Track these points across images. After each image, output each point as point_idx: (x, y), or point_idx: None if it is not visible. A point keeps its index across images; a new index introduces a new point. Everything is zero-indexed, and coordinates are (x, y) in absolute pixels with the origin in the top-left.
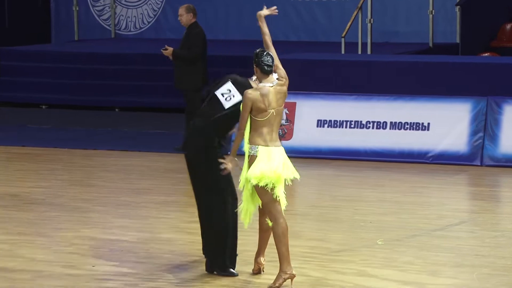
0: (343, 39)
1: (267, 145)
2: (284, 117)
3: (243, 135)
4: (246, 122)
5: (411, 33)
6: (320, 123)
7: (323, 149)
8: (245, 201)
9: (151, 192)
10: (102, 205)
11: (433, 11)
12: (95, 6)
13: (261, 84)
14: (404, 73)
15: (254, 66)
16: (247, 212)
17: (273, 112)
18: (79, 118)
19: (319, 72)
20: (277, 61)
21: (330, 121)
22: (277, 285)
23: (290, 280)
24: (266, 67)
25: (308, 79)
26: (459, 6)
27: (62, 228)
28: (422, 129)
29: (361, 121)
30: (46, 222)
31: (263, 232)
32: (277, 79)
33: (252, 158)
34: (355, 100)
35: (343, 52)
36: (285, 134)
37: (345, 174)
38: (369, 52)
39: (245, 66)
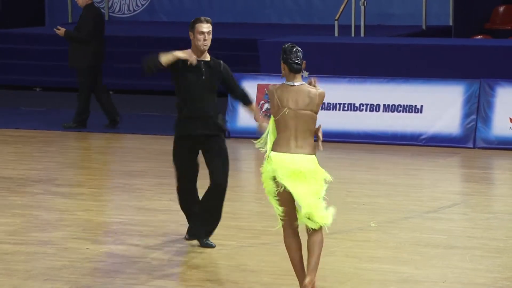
0: (336, 22)
1: (283, 151)
2: None
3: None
4: (274, 110)
5: (405, 15)
6: None
7: None
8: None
9: (146, 175)
10: (96, 187)
11: None
12: None
13: (285, 82)
14: (397, 56)
15: (282, 63)
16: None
17: (286, 111)
18: (73, 101)
19: (313, 55)
20: None
21: (324, 103)
22: None
23: None
24: (295, 65)
25: None
26: None
27: (57, 210)
28: (415, 112)
29: (354, 104)
30: (41, 204)
31: (296, 252)
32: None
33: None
34: (348, 82)
35: (336, 34)
36: None
37: (338, 156)
38: (362, 34)
39: (238, 49)
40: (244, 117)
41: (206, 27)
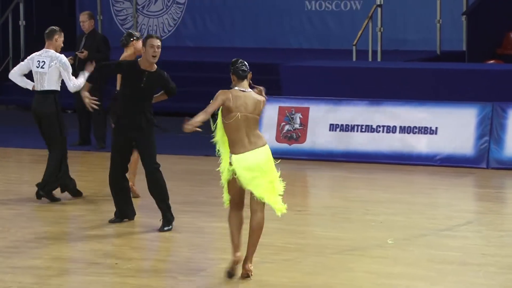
0: (354, 47)
1: (241, 152)
2: (298, 121)
3: (208, 114)
4: (213, 109)
5: (420, 41)
6: (332, 127)
7: (335, 152)
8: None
9: (171, 193)
10: None
11: (441, 20)
12: (118, 15)
13: (235, 88)
14: (413, 80)
15: (231, 74)
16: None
17: (238, 115)
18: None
19: (332, 78)
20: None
21: (342, 125)
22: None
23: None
24: (241, 72)
25: (321, 85)
26: (465, 15)
27: (86, 226)
28: (430, 133)
29: (371, 125)
30: (71, 221)
31: (237, 228)
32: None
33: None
34: (366, 105)
35: (354, 59)
36: (299, 137)
37: (356, 176)
38: (379, 59)
39: (260, 73)
40: (265, 138)
41: (156, 42)
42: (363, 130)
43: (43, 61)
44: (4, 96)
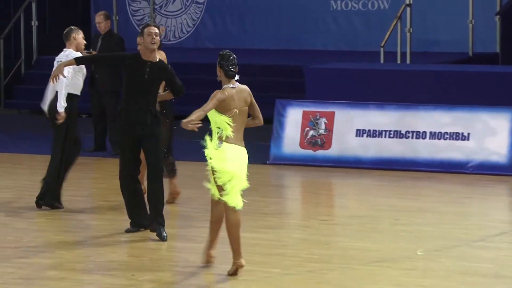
0: (382, 49)
1: (232, 143)
2: (323, 126)
3: (205, 112)
4: (209, 108)
5: (451, 42)
6: (359, 133)
7: (362, 159)
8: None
9: (191, 201)
10: None
11: (473, 20)
12: (135, 15)
13: (225, 86)
14: (443, 83)
15: (218, 67)
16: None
17: (236, 111)
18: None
19: (359, 81)
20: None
21: (369, 130)
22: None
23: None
24: (230, 72)
25: (347, 88)
26: (499, 15)
27: (101, 236)
28: (462, 139)
29: (400, 131)
30: (86, 230)
31: (215, 224)
32: (236, 80)
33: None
34: (394, 109)
35: (382, 61)
36: (323, 143)
37: (384, 184)
38: (408, 61)
39: (283, 75)
40: (289, 144)
41: (154, 30)
42: (392, 135)
43: (60, 61)
44: (16, 100)
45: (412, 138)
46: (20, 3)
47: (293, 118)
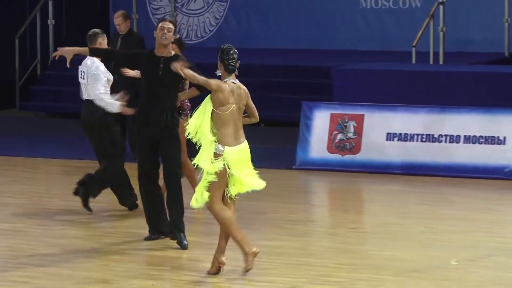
0: (414, 49)
1: (234, 144)
2: (352, 130)
3: (202, 81)
4: (204, 81)
5: (486, 42)
6: (390, 137)
7: (392, 163)
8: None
9: None
10: None
11: (509, 19)
12: (155, 14)
13: (225, 80)
14: (478, 84)
15: (219, 62)
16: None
17: (234, 107)
18: None
19: (389, 83)
20: None
21: (400, 134)
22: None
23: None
24: (230, 67)
25: (377, 90)
26: None
27: (118, 243)
28: (497, 143)
29: (433, 135)
30: (104, 238)
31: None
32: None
33: (216, 156)
34: (426, 112)
35: (414, 62)
36: (352, 147)
37: (415, 190)
38: (441, 62)
39: (310, 77)
40: (316, 148)
41: (167, 25)
42: (424, 140)
43: (83, 71)
44: (32, 101)
45: (445, 142)
46: (36, 1)
47: (321, 121)
